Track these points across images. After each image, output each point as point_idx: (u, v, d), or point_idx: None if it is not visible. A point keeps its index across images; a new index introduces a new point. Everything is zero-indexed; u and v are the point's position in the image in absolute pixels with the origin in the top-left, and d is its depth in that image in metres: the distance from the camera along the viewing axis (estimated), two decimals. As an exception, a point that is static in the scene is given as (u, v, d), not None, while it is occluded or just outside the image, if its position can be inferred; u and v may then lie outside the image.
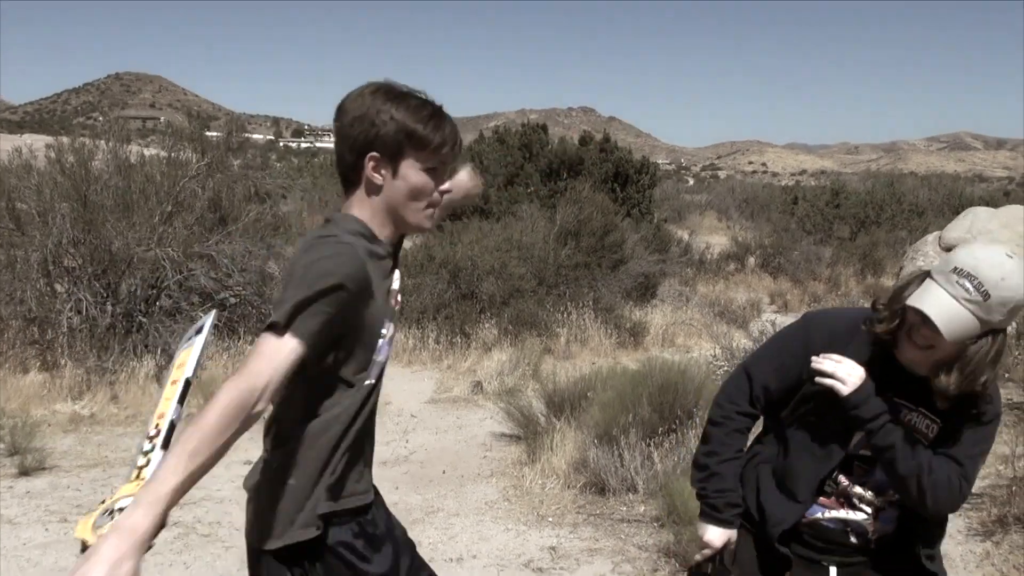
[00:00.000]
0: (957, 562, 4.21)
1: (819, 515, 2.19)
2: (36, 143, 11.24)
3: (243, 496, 5.06)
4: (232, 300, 9.14)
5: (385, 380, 6.82)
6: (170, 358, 8.05)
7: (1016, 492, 4.48)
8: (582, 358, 10.16)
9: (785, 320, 13.93)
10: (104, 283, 8.25)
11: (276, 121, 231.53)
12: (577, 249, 12.28)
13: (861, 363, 2.05)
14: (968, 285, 1.87)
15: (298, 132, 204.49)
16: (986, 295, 1.86)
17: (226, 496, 5.29)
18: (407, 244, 14.69)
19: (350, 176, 1.88)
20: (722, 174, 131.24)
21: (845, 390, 2.02)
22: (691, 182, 79.40)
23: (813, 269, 21.48)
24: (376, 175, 1.83)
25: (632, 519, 4.83)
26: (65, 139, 9.18)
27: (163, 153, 9.82)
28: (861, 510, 2.17)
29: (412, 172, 1.84)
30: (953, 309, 1.87)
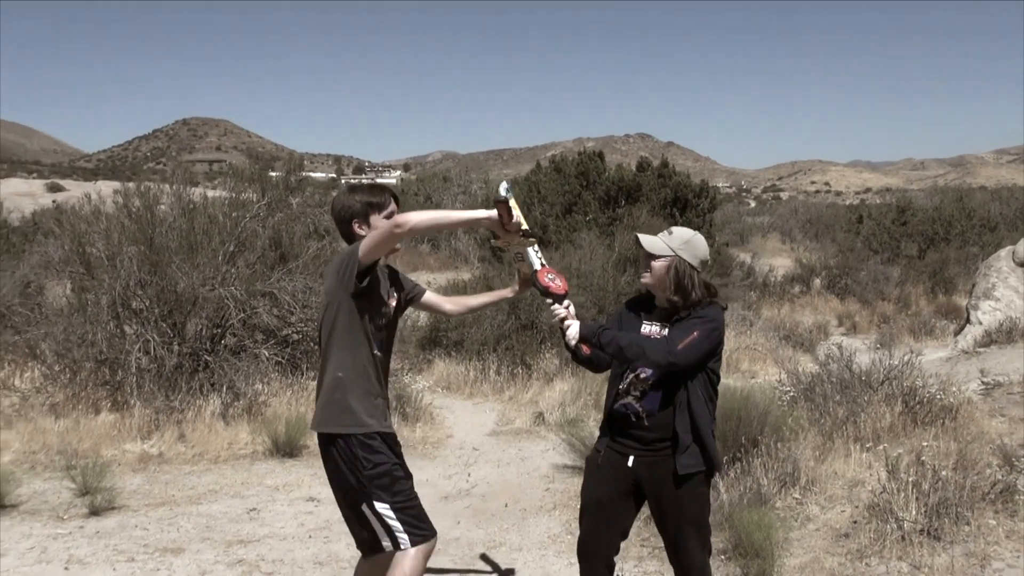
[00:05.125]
0: None
1: (615, 405, 3.41)
2: (105, 189, 11.57)
3: (306, 534, 5.10)
4: (295, 336, 9.25)
5: (447, 413, 6.76)
6: (236, 395, 8.19)
7: None
8: (644, 386, 10.03)
9: (854, 343, 13.61)
10: (171, 323, 8.40)
11: (337, 159, 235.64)
12: (636, 276, 12.16)
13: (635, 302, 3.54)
14: None
15: (359, 169, 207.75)
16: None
17: (289, 534, 5.31)
18: (466, 276, 14.71)
19: (348, 237, 3.38)
20: (784, 195, 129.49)
21: (570, 334, 3.32)
22: (752, 204, 78.48)
23: (881, 289, 20.98)
24: (360, 230, 3.33)
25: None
26: (131, 184, 9.44)
27: (225, 194, 10.02)
28: (632, 395, 3.34)
29: (378, 221, 3.31)
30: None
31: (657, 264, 3.34)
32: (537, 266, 3.42)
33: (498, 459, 7.38)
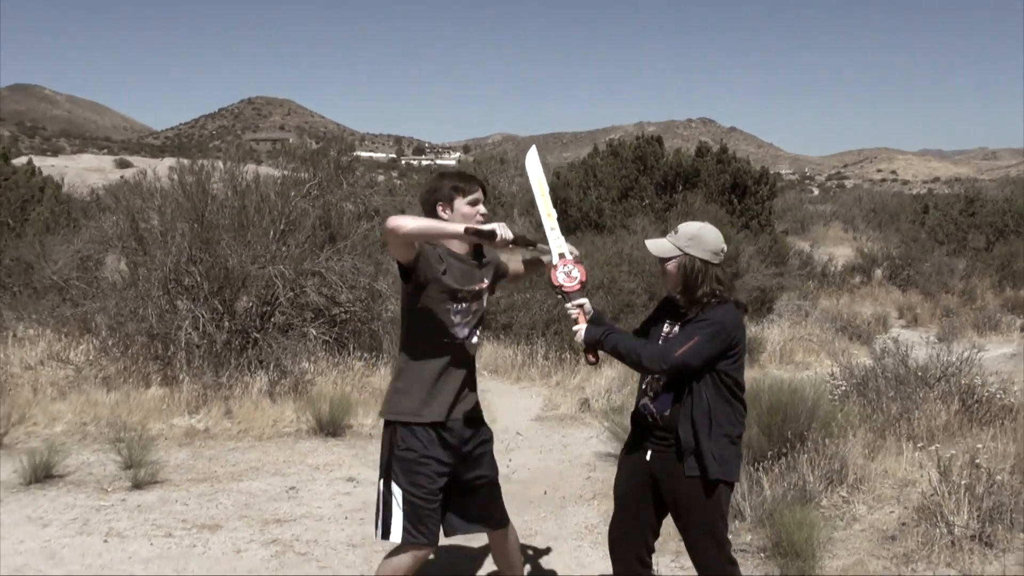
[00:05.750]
0: None
1: (638, 403, 3.38)
2: (163, 167, 11.73)
3: (342, 515, 5.09)
4: (343, 316, 9.28)
5: (492, 396, 6.66)
6: (283, 373, 8.25)
7: None
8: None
9: (914, 336, 13.23)
10: (220, 300, 8.48)
11: (398, 140, 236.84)
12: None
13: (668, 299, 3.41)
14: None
15: (419, 150, 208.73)
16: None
17: (326, 514, 5.31)
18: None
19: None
20: (848, 183, 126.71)
21: (576, 339, 3.29)
22: (816, 192, 77.01)
23: (945, 281, 20.38)
24: (443, 213, 3.29)
25: (738, 548, 4.56)
26: (186, 161, 9.53)
27: (279, 173, 10.08)
28: (648, 395, 3.30)
29: (462, 206, 3.29)
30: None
31: (669, 266, 3.26)
32: (554, 259, 3.33)
33: (541, 445, 7.31)
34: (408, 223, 3.00)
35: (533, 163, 3.60)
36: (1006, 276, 20.49)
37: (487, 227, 3.03)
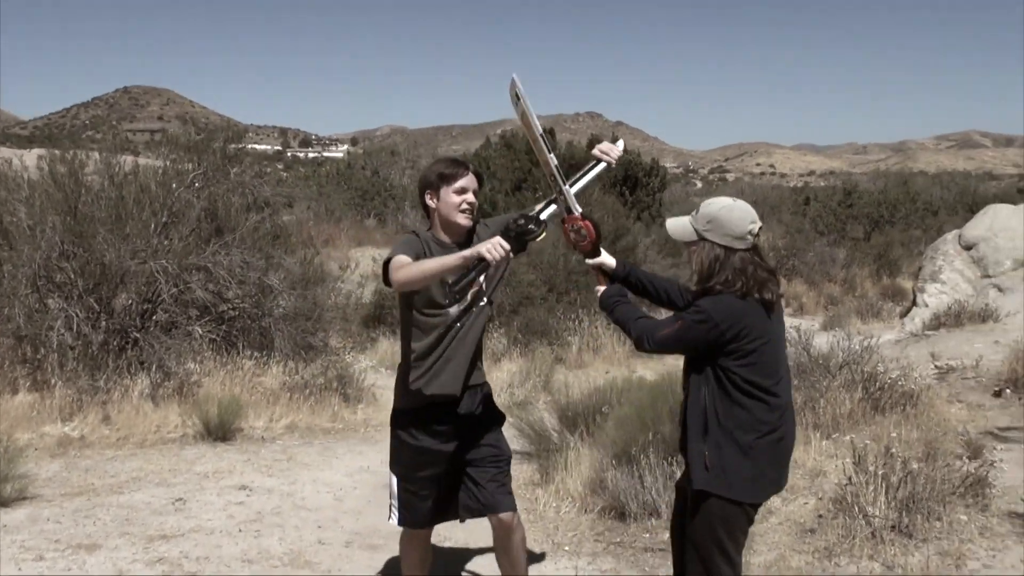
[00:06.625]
0: None
1: None
2: (28, 156, 10.94)
3: (235, 527, 4.69)
4: (231, 313, 8.81)
5: (389, 394, 6.34)
6: (166, 375, 7.74)
7: None
8: (595, 367, 9.79)
9: (802, 323, 13.53)
10: (97, 298, 7.91)
11: (284, 132, 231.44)
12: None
13: None
14: None
15: (305, 142, 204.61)
16: None
17: (217, 527, 4.92)
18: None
19: (424, 209, 3.34)
20: (730, 176, 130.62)
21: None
22: (699, 185, 79.00)
23: (828, 271, 21.05)
24: (430, 201, 3.28)
25: (656, 548, 4.44)
26: (57, 151, 8.87)
27: (160, 163, 9.50)
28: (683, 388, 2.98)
29: (448, 195, 3.24)
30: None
31: (692, 250, 2.93)
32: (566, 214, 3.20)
33: (443, 444, 7.06)
34: (403, 276, 2.99)
35: (520, 98, 3.22)
36: (883, 265, 21.31)
37: (474, 253, 2.86)
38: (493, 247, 2.84)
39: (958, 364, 8.26)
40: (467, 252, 2.90)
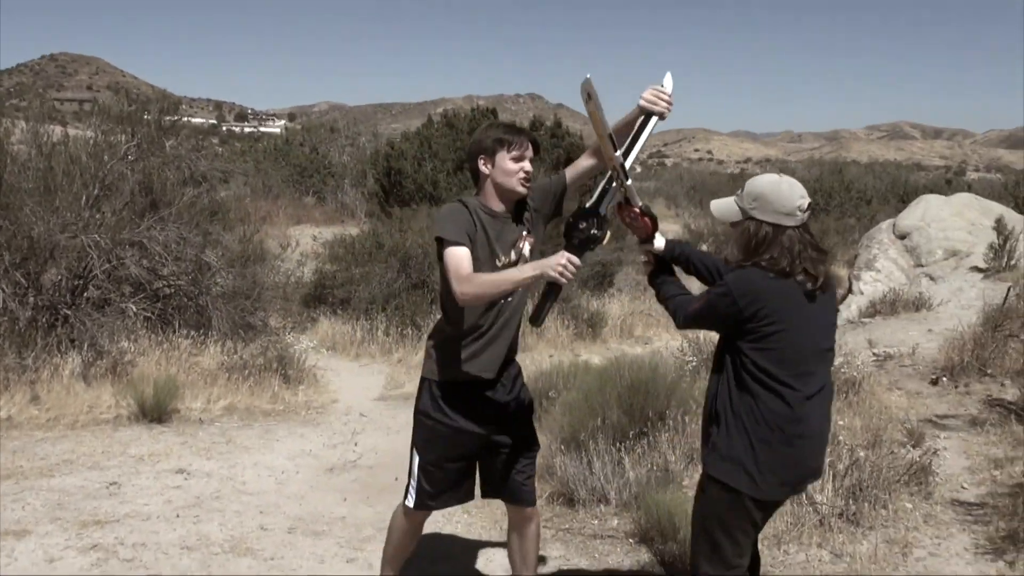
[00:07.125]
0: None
1: None
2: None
3: (172, 512, 4.54)
4: (167, 290, 8.55)
5: (331, 375, 6.21)
6: (98, 353, 7.48)
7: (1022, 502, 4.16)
8: (539, 351, 9.75)
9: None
10: (24, 273, 7.60)
11: (219, 105, 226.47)
12: (532, 236, 11.86)
13: None
14: None
15: (241, 116, 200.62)
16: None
17: (154, 512, 4.75)
18: (353, 231, 14.08)
19: (474, 174, 3.18)
20: (669, 162, 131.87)
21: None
22: (639, 169, 79.49)
23: (766, 257, 21.31)
24: (484, 167, 3.12)
25: (605, 534, 4.41)
26: (-20, 119, 8.48)
27: (91, 134, 9.15)
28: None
29: (504, 161, 3.09)
30: None
31: (739, 231, 2.77)
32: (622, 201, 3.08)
33: (387, 426, 6.96)
34: (474, 291, 2.85)
35: (591, 97, 2.91)
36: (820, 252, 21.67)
37: (550, 274, 2.71)
38: (565, 269, 2.68)
39: (895, 352, 8.41)
40: (539, 269, 2.75)
